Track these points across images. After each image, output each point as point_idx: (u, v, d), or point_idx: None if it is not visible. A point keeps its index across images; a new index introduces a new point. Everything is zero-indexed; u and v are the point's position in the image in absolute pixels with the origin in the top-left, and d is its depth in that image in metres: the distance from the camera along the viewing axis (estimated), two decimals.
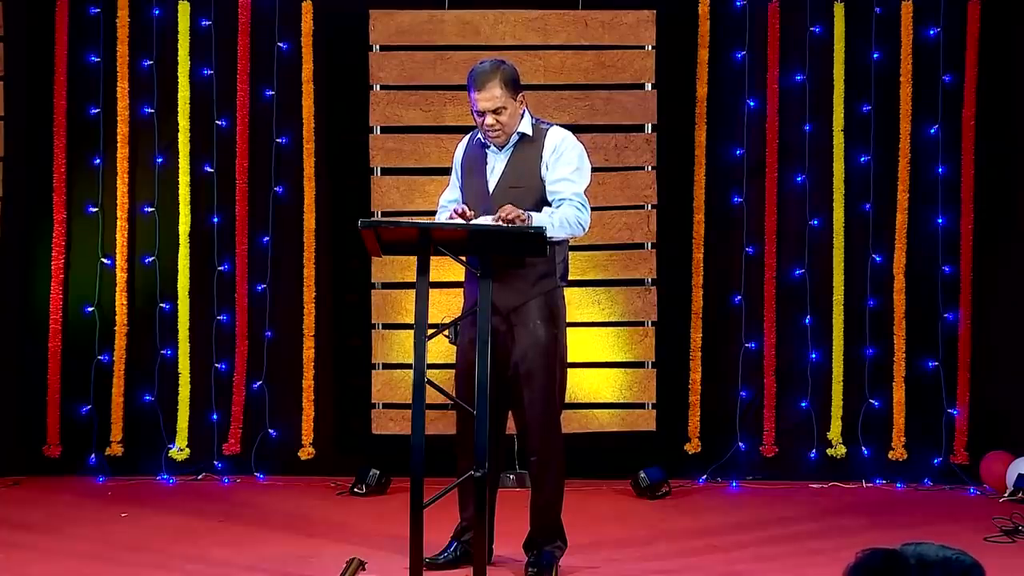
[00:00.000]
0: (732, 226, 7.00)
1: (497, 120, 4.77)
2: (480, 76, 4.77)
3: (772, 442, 6.95)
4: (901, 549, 2.07)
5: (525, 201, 4.76)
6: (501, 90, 4.75)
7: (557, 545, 4.98)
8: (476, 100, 4.76)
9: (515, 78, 4.82)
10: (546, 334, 4.83)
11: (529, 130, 4.88)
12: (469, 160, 5.00)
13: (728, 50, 6.98)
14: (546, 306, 4.85)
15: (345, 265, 7.02)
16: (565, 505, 4.99)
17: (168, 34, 6.97)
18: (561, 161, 4.84)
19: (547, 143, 4.87)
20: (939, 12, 6.90)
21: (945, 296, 6.94)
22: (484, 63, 4.85)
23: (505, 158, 4.88)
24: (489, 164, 4.92)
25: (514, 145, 4.87)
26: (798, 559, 5.29)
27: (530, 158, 4.85)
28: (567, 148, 4.87)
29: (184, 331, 6.96)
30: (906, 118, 6.91)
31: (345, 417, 7.09)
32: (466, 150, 5.05)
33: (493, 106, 4.75)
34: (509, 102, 4.77)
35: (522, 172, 4.84)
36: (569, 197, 4.80)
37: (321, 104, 6.99)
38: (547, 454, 4.91)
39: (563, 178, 4.83)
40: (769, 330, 6.96)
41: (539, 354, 4.82)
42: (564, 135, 4.92)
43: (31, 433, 6.95)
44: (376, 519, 5.99)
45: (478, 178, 4.93)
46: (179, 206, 6.97)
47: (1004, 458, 6.66)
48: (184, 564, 5.11)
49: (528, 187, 4.83)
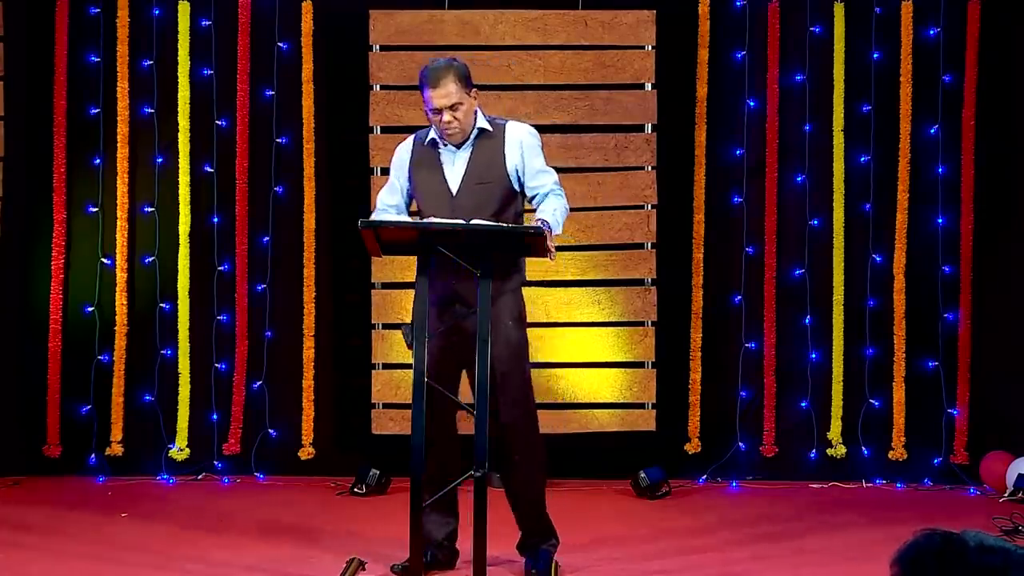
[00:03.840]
0: (732, 226, 7.00)
1: (454, 117, 4.75)
2: (434, 73, 4.75)
3: (772, 442, 6.95)
4: (961, 533, 2.08)
5: (492, 196, 4.78)
6: (456, 86, 4.73)
7: (551, 543, 5.00)
8: (432, 98, 4.74)
9: (467, 74, 4.81)
10: (517, 334, 4.86)
11: (487, 125, 4.88)
12: (420, 162, 4.93)
13: (728, 50, 6.98)
14: (515, 305, 4.88)
15: (345, 265, 7.02)
16: (566, 505, 5.01)
17: (168, 34, 6.98)
18: (532, 153, 4.87)
19: (508, 137, 4.87)
20: (939, 12, 6.90)
21: (945, 296, 6.94)
22: (436, 61, 4.83)
23: (466, 155, 4.86)
24: (446, 163, 4.87)
25: (474, 142, 4.86)
26: (797, 559, 5.29)
27: (493, 153, 4.85)
28: (533, 140, 4.90)
29: (184, 331, 6.96)
30: (906, 118, 6.91)
31: (345, 417, 7.09)
32: (412, 153, 4.96)
33: (450, 102, 4.73)
34: (464, 98, 4.76)
35: (486, 167, 4.83)
36: (552, 187, 4.85)
37: (321, 104, 6.99)
38: (530, 453, 4.92)
39: (540, 170, 4.87)
40: (769, 330, 6.96)
41: (513, 355, 4.84)
42: (525, 127, 4.94)
43: (31, 433, 6.95)
44: (376, 519, 5.99)
45: (435, 178, 4.87)
46: (179, 206, 6.97)
47: (1004, 458, 6.66)
48: (184, 564, 5.11)
49: (494, 181, 4.82)
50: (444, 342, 4.79)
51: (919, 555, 2.07)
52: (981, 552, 2.04)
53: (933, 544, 2.08)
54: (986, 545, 2.05)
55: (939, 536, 2.08)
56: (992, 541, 2.07)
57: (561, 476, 6.80)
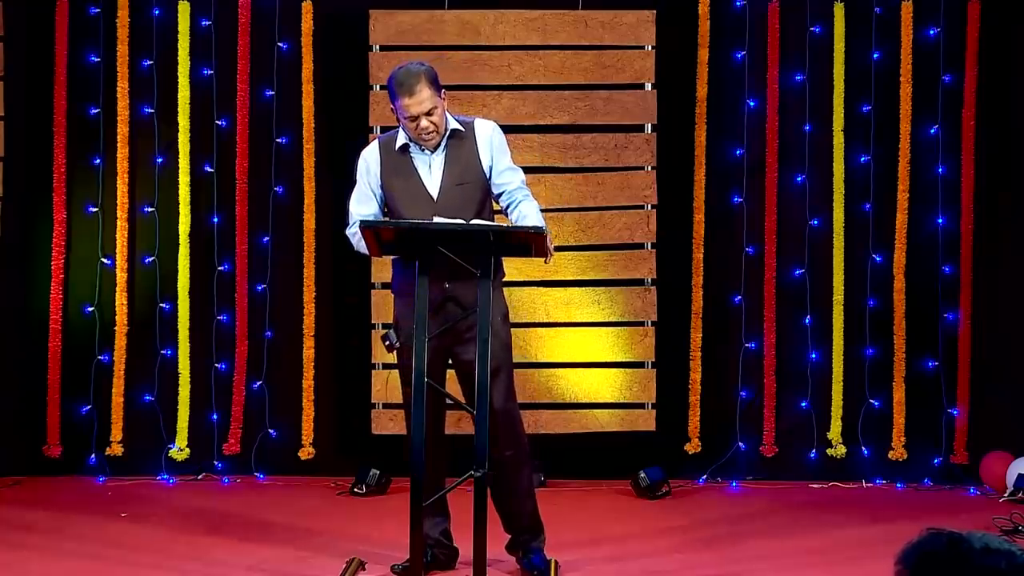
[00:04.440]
0: (732, 226, 7.00)
1: (431, 122, 4.73)
2: (406, 81, 4.69)
3: (772, 442, 6.95)
4: (967, 534, 2.07)
5: (473, 196, 4.79)
6: (429, 91, 4.70)
7: (542, 539, 5.01)
8: (407, 106, 4.68)
9: (436, 77, 4.78)
10: (504, 331, 4.89)
11: (458, 125, 4.86)
12: (393, 168, 4.87)
13: (728, 50, 6.98)
14: (501, 302, 4.91)
15: (345, 265, 7.01)
16: (566, 505, 5.01)
17: (168, 34, 6.97)
18: (500, 151, 4.88)
19: (479, 134, 4.86)
20: (939, 12, 6.90)
21: (945, 296, 6.93)
22: (406, 66, 4.77)
23: (441, 158, 4.83)
24: (421, 168, 4.84)
25: (447, 143, 4.84)
26: (797, 559, 5.29)
27: (468, 152, 4.84)
28: (501, 137, 4.91)
29: (184, 331, 6.96)
30: (906, 118, 6.91)
31: (345, 417, 7.08)
32: (382, 160, 4.90)
33: (426, 108, 4.70)
34: (437, 101, 4.74)
35: (464, 167, 4.83)
36: (520, 186, 4.87)
37: (321, 104, 6.99)
38: (519, 449, 4.93)
39: (508, 167, 4.88)
40: (769, 330, 6.96)
41: (503, 350, 4.86)
42: (492, 124, 4.93)
43: (31, 433, 6.94)
44: (376, 519, 5.99)
45: (413, 185, 4.83)
46: (179, 206, 6.97)
47: (1004, 458, 6.66)
48: (184, 564, 5.11)
49: (473, 182, 4.82)
50: (435, 343, 4.78)
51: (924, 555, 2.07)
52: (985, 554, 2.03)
53: (939, 545, 2.07)
54: (991, 547, 2.05)
55: (945, 536, 2.08)
56: (997, 544, 2.06)
57: (561, 476, 6.81)
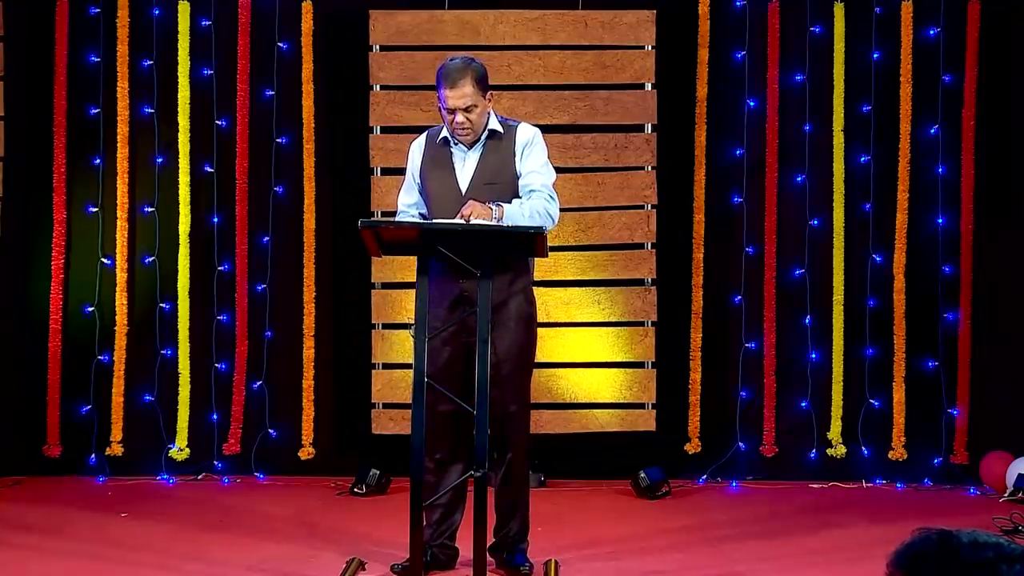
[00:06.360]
0: (732, 226, 7.00)
1: (467, 118, 4.76)
2: (452, 73, 4.74)
3: (772, 442, 6.95)
4: (956, 531, 2.09)
5: (500, 198, 4.78)
6: (472, 88, 4.73)
7: (527, 543, 4.99)
8: (447, 97, 4.74)
9: (485, 76, 4.81)
10: (525, 335, 4.87)
11: (498, 126, 4.88)
12: (432, 159, 4.94)
13: (728, 50, 6.98)
14: (523, 305, 4.88)
15: (345, 265, 7.02)
16: (566, 505, 5.01)
17: (168, 34, 6.97)
18: (533, 154, 4.88)
19: (518, 138, 4.88)
20: (939, 12, 6.90)
21: (945, 296, 6.94)
22: (455, 60, 4.82)
23: (476, 155, 4.87)
24: (457, 162, 4.89)
25: (484, 142, 4.87)
26: (797, 559, 5.29)
27: (503, 154, 4.86)
28: (538, 143, 4.91)
29: (184, 331, 6.96)
30: (906, 118, 6.91)
31: (345, 417, 7.09)
32: (425, 150, 4.97)
33: (464, 104, 4.73)
34: (479, 100, 4.76)
35: (496, 169, 4.85)
36: (539, 188, 4.84)
37: (321, 104, 6.99)
38: (523, 452, 4.94)
39: (533, 170, 4.87)
40: (769, 330, 6.96)
41: (520, 353, 4.86)
42: (534, 131, 4.95)
43: (31, 433, 6.95)
44: (376, 519, 5.99)
45: (446, 177, 4.89)
46: (179, 206, 6.97)
47: (1004, 458, 6.66)
48: (184, 564, 5.10)
49: (503, 183, 4.84)
50: (455, 343, 4.79)
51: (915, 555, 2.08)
52: (974, 548, 2.05)
53: (929, 543, 2.09)
54: (979, 541, 2.07)
55: (935, 535, 2.10)
56: (986, 537, 2.09)
57: (561, 476, 6.82)
